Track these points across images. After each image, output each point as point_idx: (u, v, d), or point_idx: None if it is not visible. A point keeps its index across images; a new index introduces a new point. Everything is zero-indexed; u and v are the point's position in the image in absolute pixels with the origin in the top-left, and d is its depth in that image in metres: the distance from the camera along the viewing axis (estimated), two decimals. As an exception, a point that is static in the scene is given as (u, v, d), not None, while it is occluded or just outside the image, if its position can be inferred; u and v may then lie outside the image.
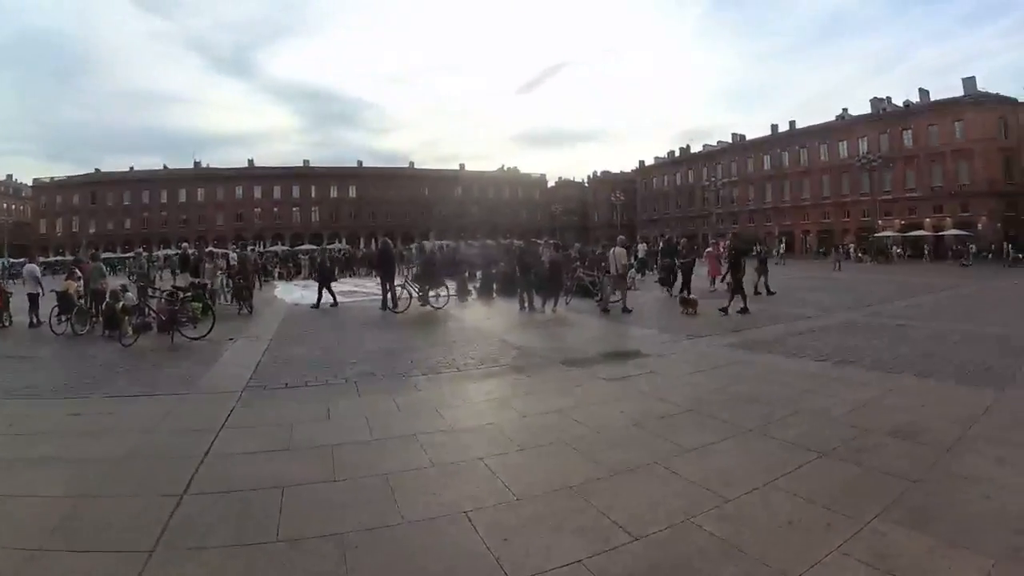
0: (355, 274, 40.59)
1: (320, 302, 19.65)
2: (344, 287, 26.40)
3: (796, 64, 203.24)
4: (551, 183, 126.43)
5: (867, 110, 76.88)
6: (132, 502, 4.58)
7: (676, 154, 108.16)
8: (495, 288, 22.36)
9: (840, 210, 75.51)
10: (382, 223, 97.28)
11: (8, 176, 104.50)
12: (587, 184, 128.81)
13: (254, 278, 22.89)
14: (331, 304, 19.64)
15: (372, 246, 57.40)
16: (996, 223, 60.29)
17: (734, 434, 5.97)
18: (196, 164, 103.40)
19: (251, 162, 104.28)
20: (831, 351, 10.34)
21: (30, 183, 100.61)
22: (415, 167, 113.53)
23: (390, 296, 18.03)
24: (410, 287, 18.56)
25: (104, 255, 53.75)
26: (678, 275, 21.62)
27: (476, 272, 25.62)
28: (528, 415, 6.96)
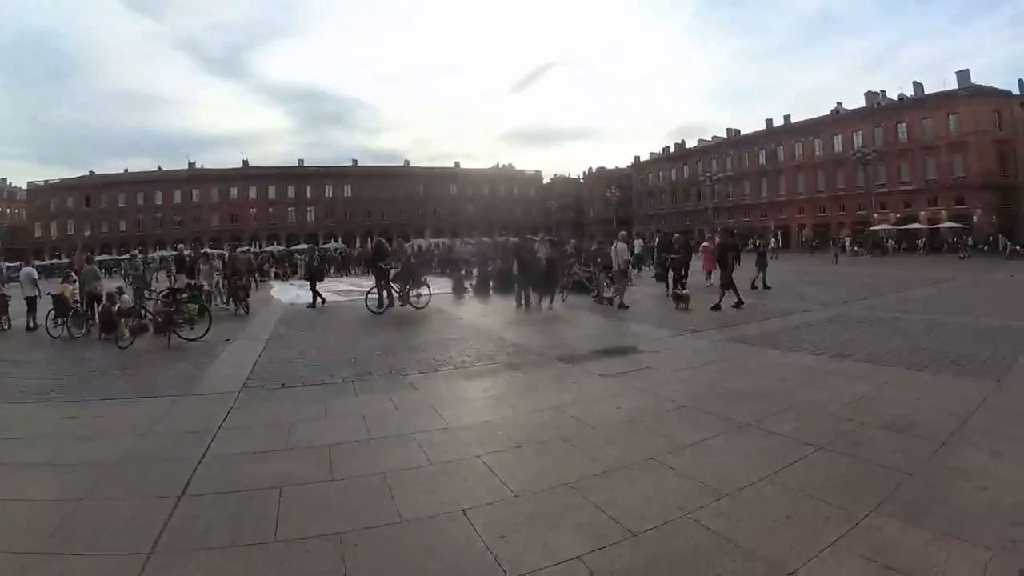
0: (351, 273, 40.58)
1: (315, 302, 19.70)
2: (340, 286, 26.41)
3: (790, 61, 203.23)
4: (546, 180, 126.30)
5: (861, 104, 76.94)
6: (129, 505, 4.58)
7: (671, 150, 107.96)
8: (491, 285, 22.37)
9: (835, 204, 75.55)
10: (377, 222, 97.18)
11: (3, 180, 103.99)
12: (582, 181, 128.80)
13: (249, 279, 22.82)
14: (318, 304, 19.64)
15: (367, 245, 57.25)
16: (991, 216, 60.39)
17: (730, 429, 5.98)
18: (190, 165, 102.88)
19: (245, 163, 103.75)
20: (827, 345, 10.36)
21: (24, 186, 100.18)
22: (410, 166, 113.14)
23: (386, 295, 17.98)
24: (391, 287, 18.17)
25: (100, 257, 53.97)
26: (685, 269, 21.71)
27: (472, 269, 25.63)
28: (525, 412, 6.97)
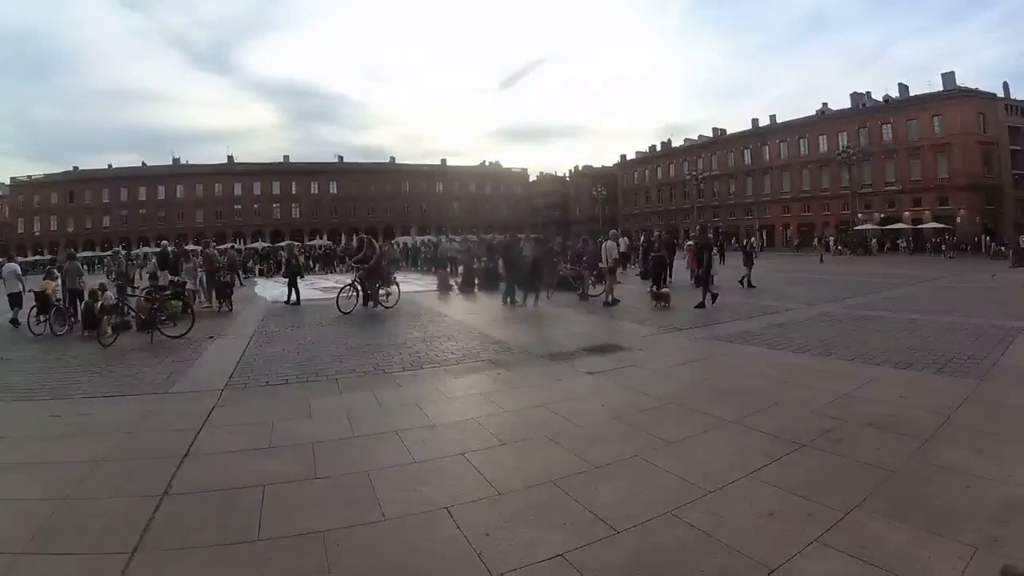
0: (336, 271, 40.42)
1: (292, 299, 19.55)
2: (325, 283, 26.32)
3: (776, 60, 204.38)
4: (533, 178, 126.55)
5: (847, 105, 77.48)
6: (112, 504, 4.53)
7: (657, 148, 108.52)
8: (476, 283, 22.38)
9: (820, 203, 76.11)
10: (363, 219, 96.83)
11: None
12: (569, 179, 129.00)
13: (233, 276, 22.67)
14: (293, 302, 19.44)
15: (353, 242, 57.04)
16: (975, 216, 61.01)
17: (715, 426, 6.00)
18: (175, 161, 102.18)
19: (231, 158, 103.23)
20: (811, 343, 10.43)
21: (7, 182, 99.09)
22: (396, 163, 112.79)
23: (371, 292, 17.88)
24: (359, 286, 17.66)
25: (83, 254, 53.42)
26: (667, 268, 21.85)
27: (458, 267, 25.62)
28: (509, 410, 6.96)
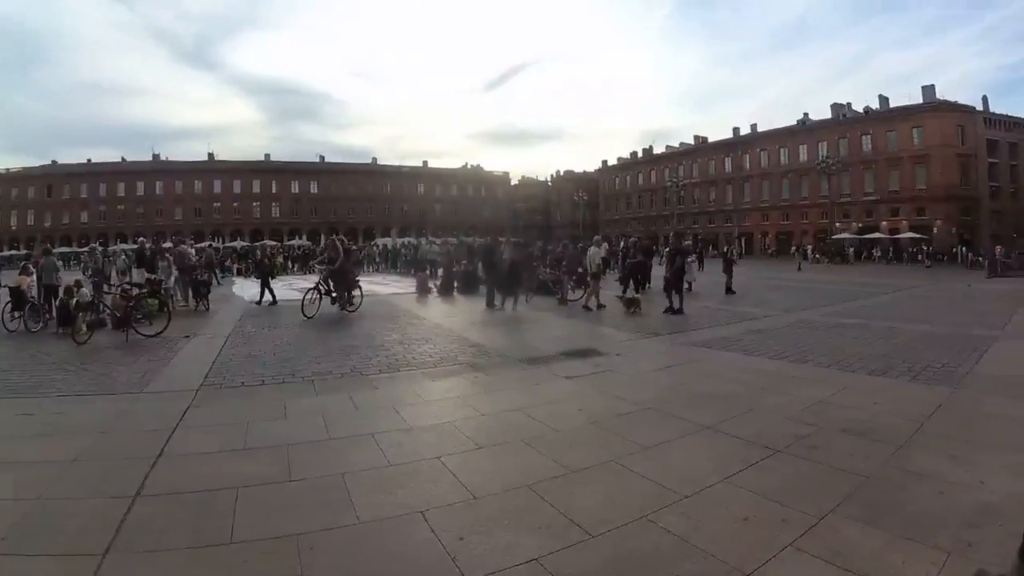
0: (314, 271, 40.20)
1: (263, 299, 19.37)
2: (304, 283, 26.16)
3: (758, 69, 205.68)
4: (514, 181, 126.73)
5: (827, 115, 78.47)
6: (84, 505, 4.45)
7: (639, 155, 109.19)
8: (456, 286, 22.39)
9: (799, 212, 77.07)
10: (344, 219, 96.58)
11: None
12: (550, 183, 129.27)
13: (210, 275, 22.49)
14: (269, 303, 19.26)
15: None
16: (952, 227, 61.93)
17: (691, 431, 6.02)
18: (155, 156, 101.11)
19: (211, 155, 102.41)
20: (788, 349, 10.52)
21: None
22: (378, 163, 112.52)
23: (338, 295, 17.63)
24: (322, 289, 16.89)
25: (60, 249, 52.72)
26: (644, 274, 22.03)
27: (437, 270, 25.62)
28: (486, 413, 6.95)
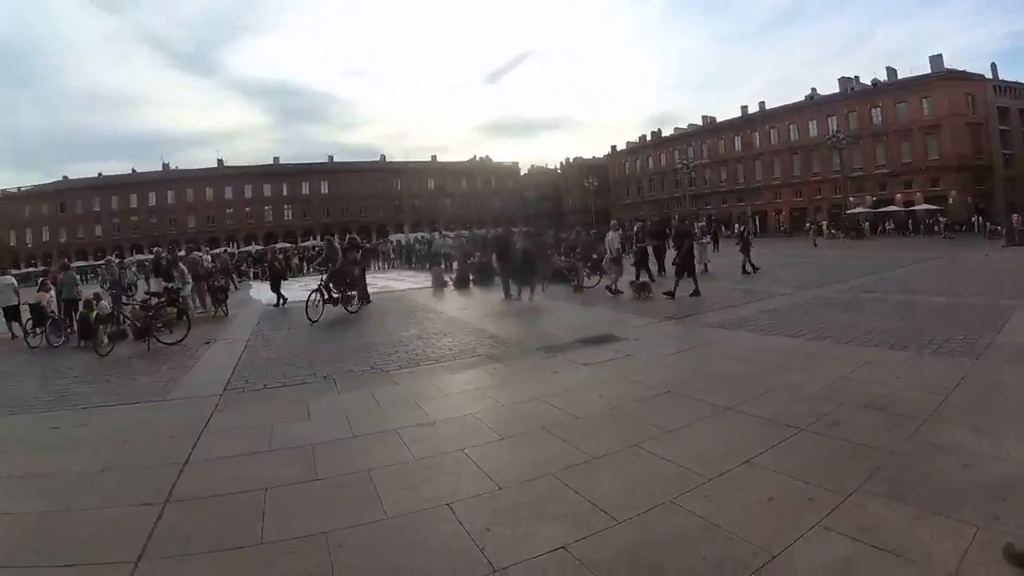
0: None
1: (279, 302, 19.52)
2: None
3: (764, 45, 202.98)
4: (523, 171, 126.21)
5: (835, 90, 77.67)
6: (115, 513, 4.52)
7: (648, 138, 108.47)
8: (471, 279, 22.43)
9: (812, 188, 76.31)
10: (356, 218, 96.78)
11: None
12: (560, 171, 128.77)
13: (227, 280, 22.65)
14: (280, 304, 19.39)
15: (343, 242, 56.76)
16: (966, 197, 61.23)
17: (711, 414, 6.01)
18: (165, 166, 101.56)
19: (220, 162, 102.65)
20: (806, 327, 10.45)
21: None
22: (386, 160, 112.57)
23: (341, 295, 17.53)
24: (324, 291, 16.23)
25: (76, 263, 53.07)
26: (658, 257, 21.98)
27: (452, 263, 25.68)
28: (507, 404, 6.98)
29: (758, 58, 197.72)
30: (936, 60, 67.26)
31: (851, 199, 66.65)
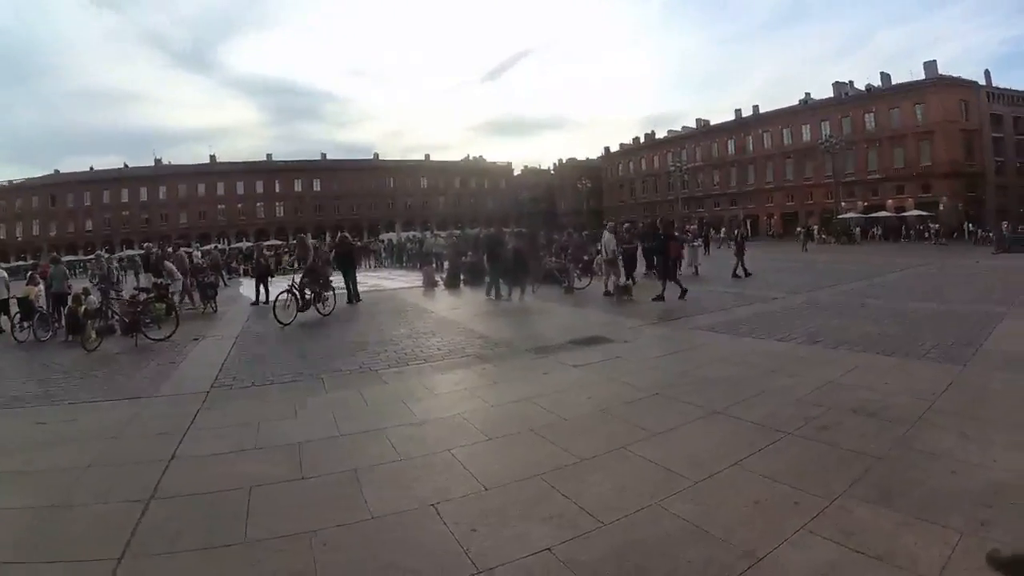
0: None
1: (268, 300, 19.01)
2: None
3: (758, 49, 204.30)
4: (517, 171, 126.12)
5: (830, 94, 77.92)
6: (100, 510, 4.49)
7: (641, 140, 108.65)
8: (462, 278, 22.41)
9: (804, 192, 76.55)
10: (347, 216, 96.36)
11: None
12: (553, 172, 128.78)
13: (217, 276, 22.56)
14: (263, 302, 18.99)
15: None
16: (957, 203, 61.50)
17: (700, 416, 6.02)
18: (157, 161, 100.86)
19: (213, 158, 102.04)
20: (796, 331, 10.49)
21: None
22: (380, 159, 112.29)
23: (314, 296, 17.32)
24: (296, 292, 15.23)
25: (66, 258, 52.78)
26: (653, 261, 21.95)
27: (443, 263, 25.66)
28: (495, 404, 6.96)
29: (754, 61, 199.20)
30: (930, 66, 67.48)
31: (843, 204, 66.92)
